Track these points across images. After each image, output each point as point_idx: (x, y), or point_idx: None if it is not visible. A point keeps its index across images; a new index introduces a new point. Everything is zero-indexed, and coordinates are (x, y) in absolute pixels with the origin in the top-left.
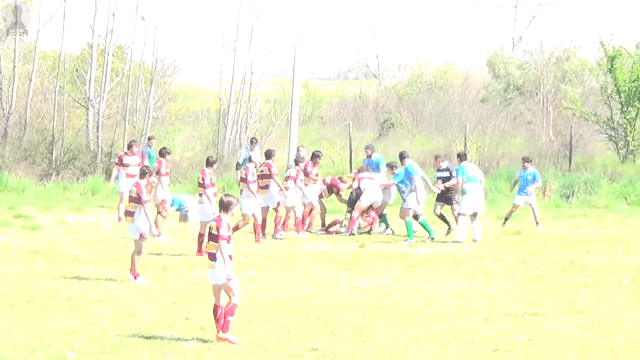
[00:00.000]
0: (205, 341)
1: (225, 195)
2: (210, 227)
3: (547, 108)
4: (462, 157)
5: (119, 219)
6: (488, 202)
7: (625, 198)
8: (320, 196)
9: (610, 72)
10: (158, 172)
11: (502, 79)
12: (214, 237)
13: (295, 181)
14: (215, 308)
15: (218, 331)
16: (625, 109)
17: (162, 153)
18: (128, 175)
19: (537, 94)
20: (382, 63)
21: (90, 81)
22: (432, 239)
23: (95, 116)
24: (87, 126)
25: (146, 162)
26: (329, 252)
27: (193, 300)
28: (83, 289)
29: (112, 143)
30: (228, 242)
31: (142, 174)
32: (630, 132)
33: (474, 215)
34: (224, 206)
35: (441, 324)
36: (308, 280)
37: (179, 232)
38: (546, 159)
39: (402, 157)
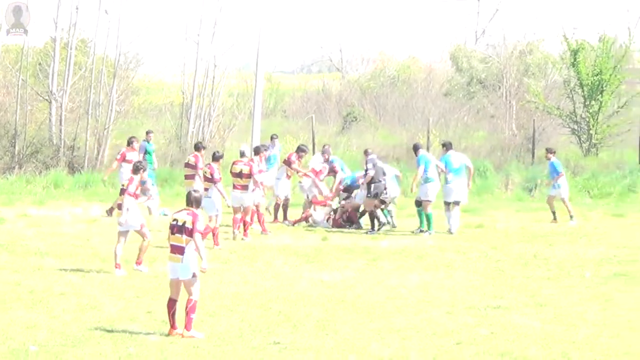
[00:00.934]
0: (168, 334)
1: (195, 190)
2: (177, 221)
3: (510, 101)
4: (447, 146)
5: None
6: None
7: (588, 191)
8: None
9: (573, 66)
10: (195, 167)
11: (465, 73)
12: (186, 231)
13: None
14: (171, 302)
15: (172, 326)
16: (588, 102)
17: (198, 147)
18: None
19: (500, 87)
20: (345, 57)
21: (53, 75)
22: (393, 226)
23: (58, 110)
24: (50, 120)
25: (143, 157)
26: (291, 245)
27: (155, 293)
28: (45, 282)
29: (75, 136)
30: (203, 238)
31: (136, 170)
32: (593, 126)
33: (456, 203)
34: (196, 202)
35: (404, 316)
36: (271, 274)
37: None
38: (509, 153)
39: (415, 148)
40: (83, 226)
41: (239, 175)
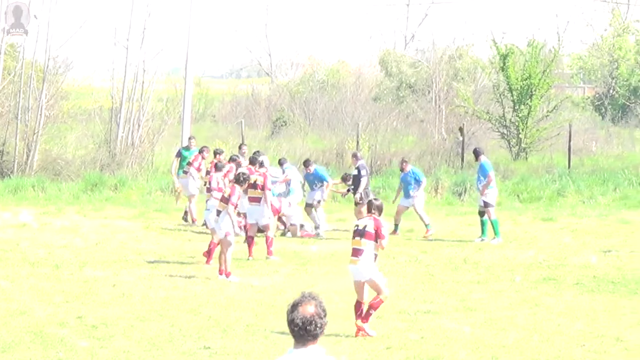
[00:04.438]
0: (97, 339)
1: (375, 199)
2: (358, 226)
3: (439, 106)
4: (478, 152)
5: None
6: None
7: (518, 195)
8: None
9: (503, 70)
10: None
11: (394, 77)
12: (366, 235)
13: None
14: (357, 304)
15: (358, 319)
16: (518, 107)
17: (201, 150)
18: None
19: (429, 92)
20: (274, 61)
21: None
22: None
23: None
24: None
25: (179, 162)
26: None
27: (85, 298)
28: None
29: (4, 141)
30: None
31: (240, 180)
32: (523, 130)
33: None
34: (378, 209)
35: (334, 321)
36: (200, 278)
37: (72, 230)
38: (438, 157)
39: (477, 153)
40: (12, 231)
41: (254, 186)
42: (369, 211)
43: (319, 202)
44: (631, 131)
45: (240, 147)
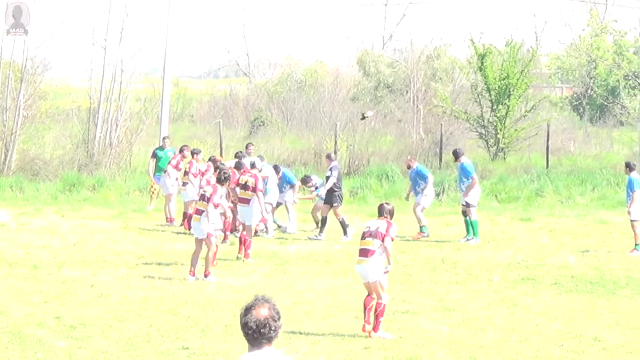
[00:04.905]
0: (75, 339)
1: (387, 203)
2: (370, 227)
3: (417, 106)
4: (459, 153)
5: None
6: (358, 200)
7: (496, 196)
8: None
9: (481, 70)
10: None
11: (372, 77)
12: (378, 235)
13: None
14: (367, 298)
15: (366, 321)
16: (496, 107)
17: (181, 149)
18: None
19: (407, 92)
20: (252, 61)
21: None
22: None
23: None
24: None
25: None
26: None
27: (63, 298)
28: None
29: None
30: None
31: (222, 180)
32: (501, 130)
33: None
34: (390, 213)
35: (312, 321)
36: (178, 278)
37: (50, 230)
38: (416, 157)
39: (457, 154)
40: None
41: (244, 187)
42: (380, 215)
43: (294, 202)
44: (609, 131)
45: (247, 147)
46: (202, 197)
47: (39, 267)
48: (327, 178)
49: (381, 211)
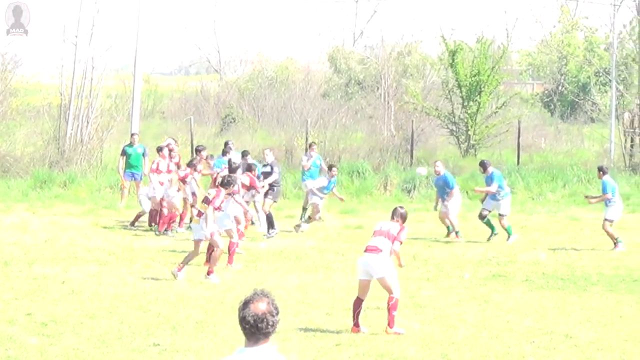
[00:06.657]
0: (47, 336)
1: (400, 207)
2: (382, 227)
3: (388, 103)
4: (486, 164)
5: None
6: (329, 197)
7: (467, 192)
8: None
9: (452, 67)
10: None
11: (343, 74)
12: (389, 235)
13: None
14: (357, 301)
15: (355, 325)
16: (467, 103)
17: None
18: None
19: (378, 88)
20: (223, 58)
21: None
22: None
23: None
24: None
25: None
26: (170, 246)
27: (34, 295)
28: None
29: None
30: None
31: (225, 184)
32: (472, 127)
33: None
34: (402, 217)
35: (283, 318)
36: (150, 275)
37: (21, 227)
38: (387, 154)
39: (484, 165)
40: None
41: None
42: (392, 218)
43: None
44: (580, 128)
45: (226, 144)
46: (205, 200)
47: (10, 264)
48: (270, 174)
49: (394, 214)
